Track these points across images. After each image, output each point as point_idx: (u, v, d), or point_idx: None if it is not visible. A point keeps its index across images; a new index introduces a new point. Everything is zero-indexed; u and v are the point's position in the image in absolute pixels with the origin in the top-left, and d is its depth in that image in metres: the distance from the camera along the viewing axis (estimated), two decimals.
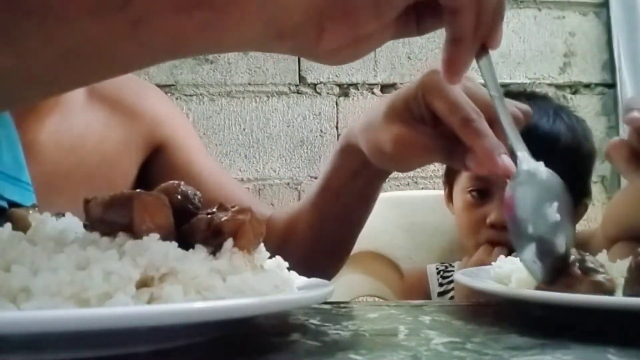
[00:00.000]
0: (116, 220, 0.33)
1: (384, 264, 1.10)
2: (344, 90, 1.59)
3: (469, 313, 0.48)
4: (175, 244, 0.33)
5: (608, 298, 0.37)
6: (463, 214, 0.97)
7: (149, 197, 0.34)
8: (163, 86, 1.47)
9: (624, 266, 0.42)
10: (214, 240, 0.35)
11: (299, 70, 1.58)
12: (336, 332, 0.38)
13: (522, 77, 1.61)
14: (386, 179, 0.63)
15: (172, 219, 0.35)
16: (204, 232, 0.35)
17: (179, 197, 0.36)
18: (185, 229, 0.35)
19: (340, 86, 1.59)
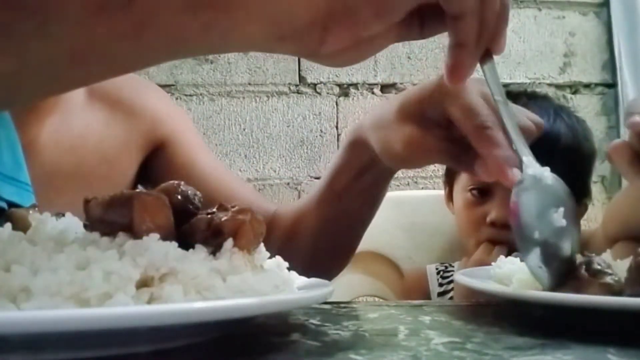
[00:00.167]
0: (116, 220, 0.33)
1: (384, 264, 1.10)
2: (344, 90, 1.59)
3: (469, 313, 0.48)
4: (175, 244, 0.33)
5: (608, 298, 0.37)
6: (463, 213, 0.97)
7: (149, 197, 0.34)
8: (163, 86, 1.47)
9: (624, 266, 0.42)
10: (214, 240, 0.35)
11: (299, 70, 1.58)
12: (336, 332, 0.38)
13: (522, 77, 1.61)
14: (392, 178, 0.63)
15: (172, 219, 0.35)
16: (204, 232, 0.35)
17: (179, 197, 0.36)
18: (185, 229, 0.35)
19: (340, 86, 1.59)
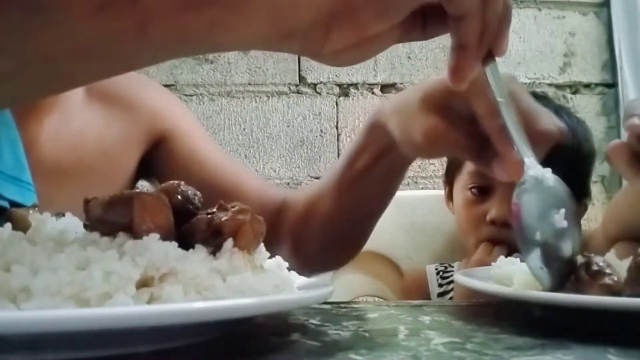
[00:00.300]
0: (116, 220, 0.33)
1: (384, 264, 1.10)
2: (344, 90, 1.59)
3: (469, 313, 0.48)
4: (175, 244, 0.33)
5: (608, 298, 0.37)
6: (463, 211, 0.97)
7: (149, 197, 0.34)
8: (163, 86, 1.47)
9: (624, 266, 0.41)
10: (214, 240, 0.35)
11: (299, 70, 1.58)
12: (336, 332, 0.38)
13: (522, 77, 1.61)
14: (409, 166, 0.62)
15: (172, 219, 0.35)
16: (204, 232, 0.35)
17: (179, 197, 0.36)
18: (185, 229, 0.35)
19: (340, 86, 1.59)
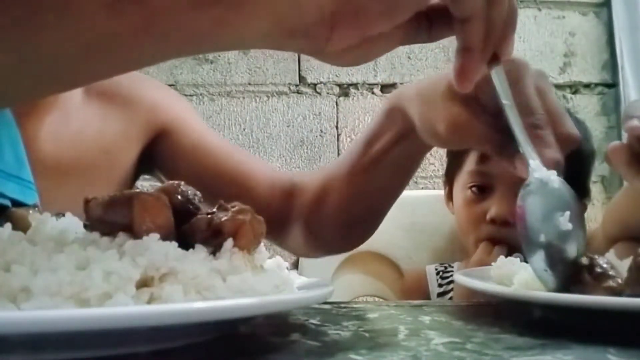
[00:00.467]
0: (116, 220, 0.33)
1: (384, 264, 1.10)
2: (344, 90, 1.59)
3: (469, 313, 0.48)
4: (175, 244, 0.33)
5: (608, 298, 0.37)
6: (463, 211, 0.97)
7: (149, 197, 0.34)
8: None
9: (625, 266, 0.42)
10: (214, 240, 0.35)
11: (299, 70, 1.58)
12: (336, 332, 0.38)
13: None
14: (427, 153, 0.61)
15: (172, 219, 0.35)
16: (204, 232, 0.35)
17: (179, 197, 0.36)
18: (185, 229, 0.35)
19: (340, 86, 1.59)
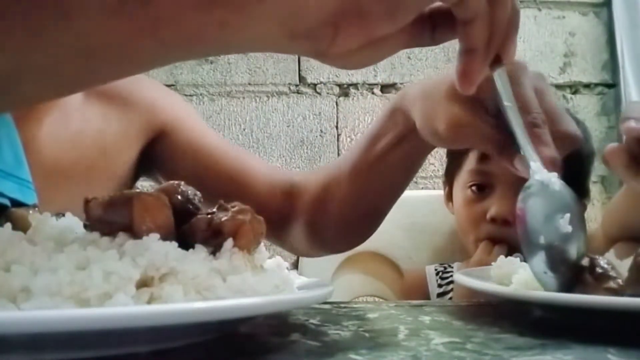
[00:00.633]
0: (116, 220, 0.33)
1: (384, 264, 1.10)
2: (344, 90, 1.59)
3: (469, 313, 0.48)
4: (175, 244, 0.33)
5: (608, 298, 0.37)
6: (463, 210, 0.97)
7: (149, 197, 0.34)
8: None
9: (625, 266, 0.42)
10: (214, 240, 0.35)
11: (299, 70, 1.58)
12: (336, 332, 0.38)
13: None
14: (429, 153, 0.62)
15: (172, 219, 0.35)
16: (204, 232, 0.35)
17: (179, 197, 0.36)
18: (185, 229, 0.35)
19: (340, 86, 1.59)
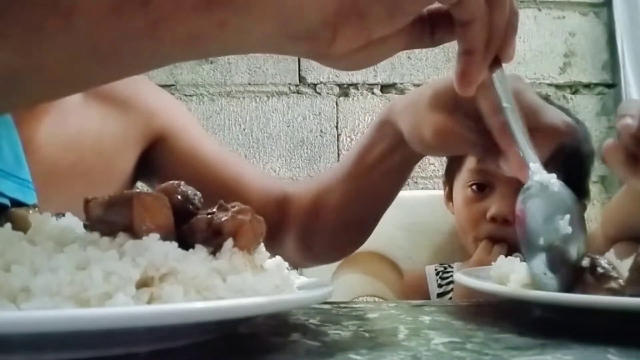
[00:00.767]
0: (116, 220, 0.33)
1: (384, 264, 1.10)
2: (344, 90, 1.59)
3: (469, 313, 0.48)
4: (175, 244, 0.33)
5: (608, 298, 0.37)
6: (463, 210, 0.97)
7: (149, 197, 0.34)
8: (163, 86, 1.47)
9: (626, 266, 0.41)
10: (214, 240, 0.35)
11: (299, 70, 1.58)
12: (336, 332, 0.38)
13: (522, 77, 1.61)
14: (419, 161, 0.63)
15: (172, 219, 0.35)
16: (204, 232, 0.35)
17: (179, 197, 0.36)
18: (185, 229, 0.35)
19: (340, 86, 1.59)
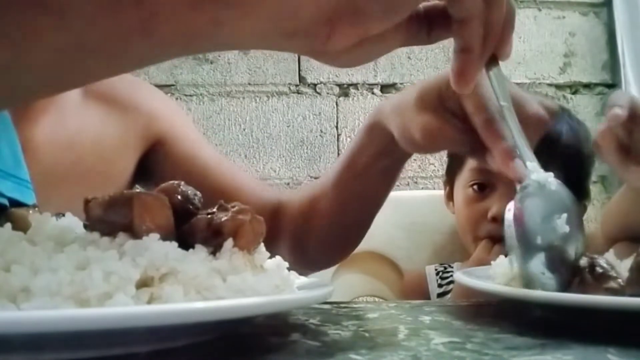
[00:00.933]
0: (116, 220, 0.33)
1: (384, 264, 1.10)
2: (344, 90, 1.59)
3: (469, 313, 0.48)
4: (175, 244, 0.33)
5: (608, 298, 0.37)
6: (464, 209, 0.97)
7: (149, 197, 0.34)
8: (163, 86, 1.47)
9: (626, 266, 0.41)
10: (214, 240, 0.35)
11: (299, 70, 1.58)
12: (336, 332, 0.38)
13: (522, 77, 1.61)
14: (407, 160, 0.64)
15: (172, 219, 0.35)
16: (204, 232, 0.35)
17: (179, 197, 0.36)
18: (185, 229, 0.35)
19: (340, 86, 1.59)
